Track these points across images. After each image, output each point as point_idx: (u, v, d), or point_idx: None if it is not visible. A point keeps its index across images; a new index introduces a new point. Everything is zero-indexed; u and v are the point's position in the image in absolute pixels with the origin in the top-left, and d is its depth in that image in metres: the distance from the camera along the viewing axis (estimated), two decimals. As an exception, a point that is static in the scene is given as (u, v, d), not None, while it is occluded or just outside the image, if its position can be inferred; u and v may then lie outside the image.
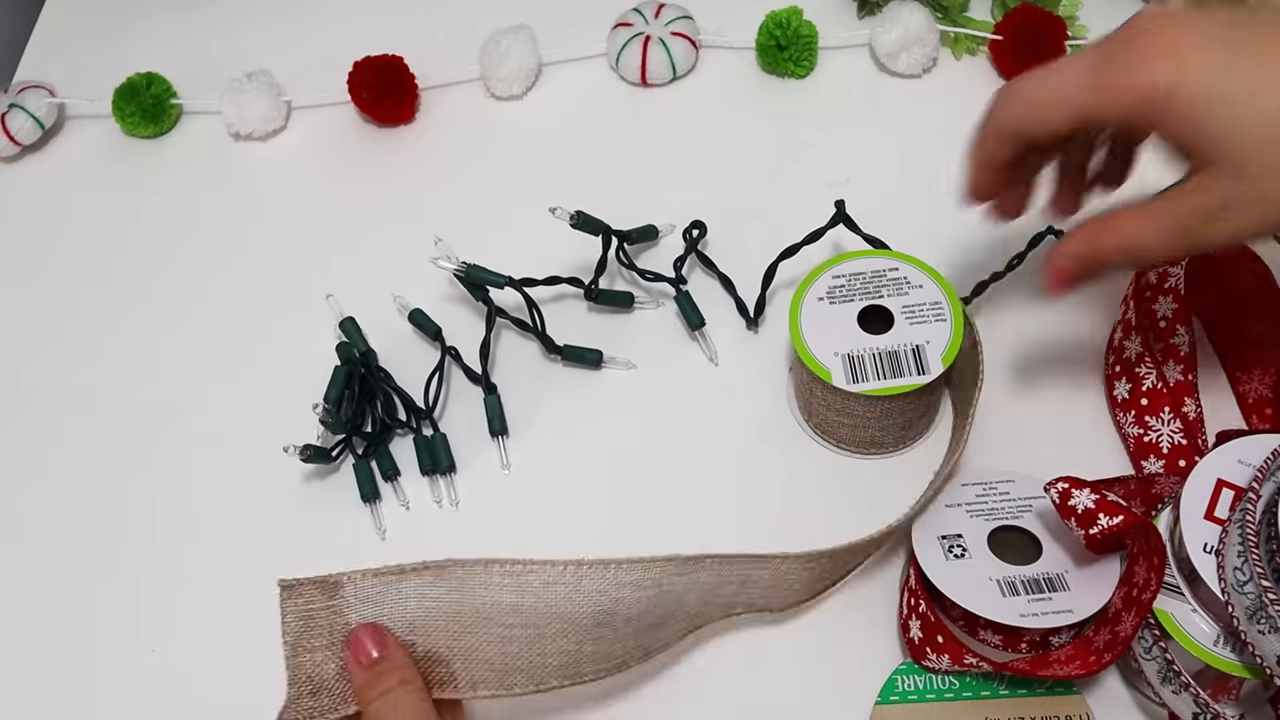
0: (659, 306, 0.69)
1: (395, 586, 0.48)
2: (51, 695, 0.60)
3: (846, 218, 0.65)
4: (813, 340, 0.60)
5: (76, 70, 0.82)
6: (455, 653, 0.48)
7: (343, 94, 0.78)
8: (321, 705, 0.48)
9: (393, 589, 0.48)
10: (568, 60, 0.80)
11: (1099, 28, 0.77)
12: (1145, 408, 0.61)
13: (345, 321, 0.68)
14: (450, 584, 0.48)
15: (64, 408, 0.69)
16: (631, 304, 0.68)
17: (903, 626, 0.57)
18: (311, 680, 0.48)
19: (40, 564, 0.63)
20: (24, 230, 0.77)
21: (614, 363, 0.67)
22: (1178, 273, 0.62)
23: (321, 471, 0.65)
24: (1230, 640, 0.51)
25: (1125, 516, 0.52)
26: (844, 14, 0.81)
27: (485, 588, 0.48)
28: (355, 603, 0.48)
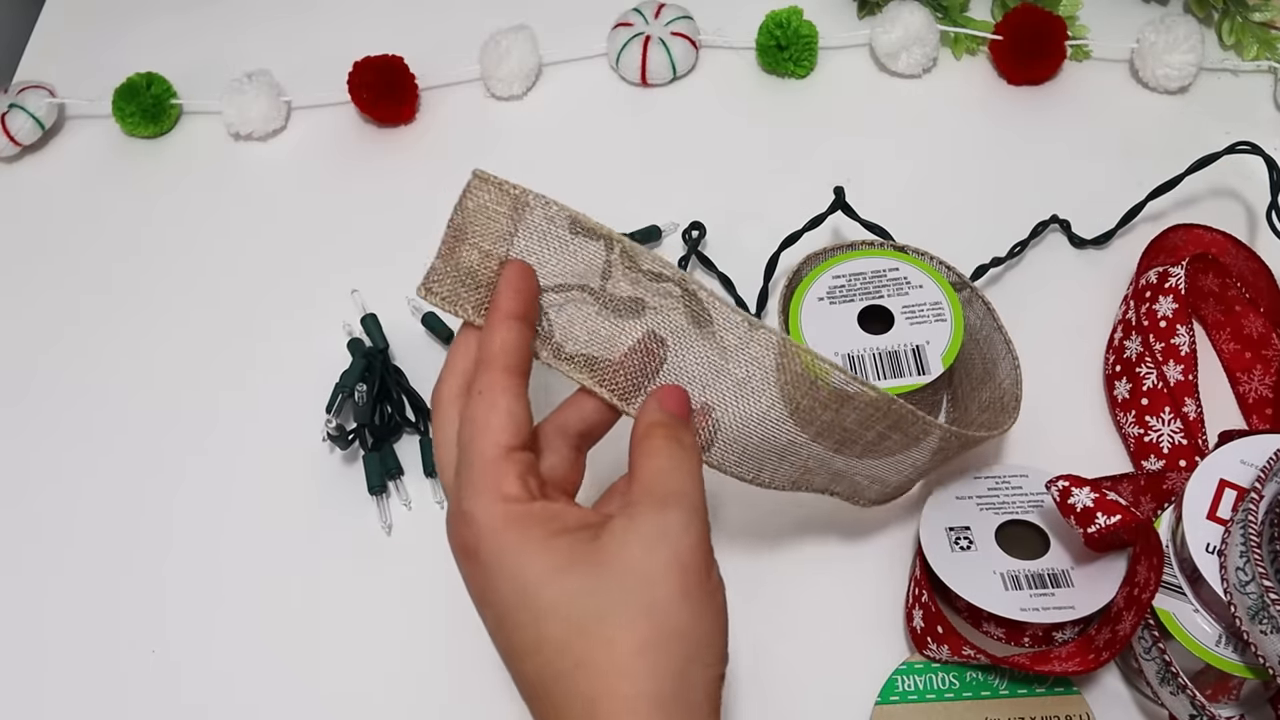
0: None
1: (574, 240, 0.46)
2: (52, 695, 0.60)
3: (846, 205, 0.65)
4: (813, 340, 0.60)
5: (76, 70, 0.82)
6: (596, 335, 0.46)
7: (343, 94, 0.78)
8: (452, 292, 0.47)
9: (571, 241, 0.46)
10: (568, 60, 0.80)
11: (1099, 27, 0.77)
12: (1145, 408, 0.61)
13: (367, 318, 0.68)
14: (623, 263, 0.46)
15: (64, 408, 0.69)
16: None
17: (907, 615, 0.57)
18: (459, 267, 0.46)
19: (41, 564, 0.63)
20: (24, 230, 0.77)
21: None
22: (1178, 273, 0.62)
23: (323, 470, 0.65)
24: (1232, 640, 0.51)
25: (1123, 516, 0.52)
26: (844, 14, 0.81)
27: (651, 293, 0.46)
28: (532, 230, 0.46)
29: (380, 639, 0.60)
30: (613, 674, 0.39)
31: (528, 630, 0.41)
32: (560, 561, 0.40)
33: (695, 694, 0.40)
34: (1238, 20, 0.76)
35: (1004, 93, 0.77)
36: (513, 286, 0.45)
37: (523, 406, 0.43)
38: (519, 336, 0.44)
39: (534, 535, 0.41)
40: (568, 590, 0.40)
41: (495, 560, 0.41)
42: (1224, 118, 0.74)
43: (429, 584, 0.61)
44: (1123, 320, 0.64)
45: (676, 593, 0.40)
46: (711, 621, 0.41)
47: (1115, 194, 0.69)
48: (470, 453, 0.42)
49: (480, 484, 0.42)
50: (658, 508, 0.42)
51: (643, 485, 0.42)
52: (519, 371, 0.44)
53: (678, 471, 0.43)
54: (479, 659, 0.59)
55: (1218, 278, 0.64)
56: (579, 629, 0.40)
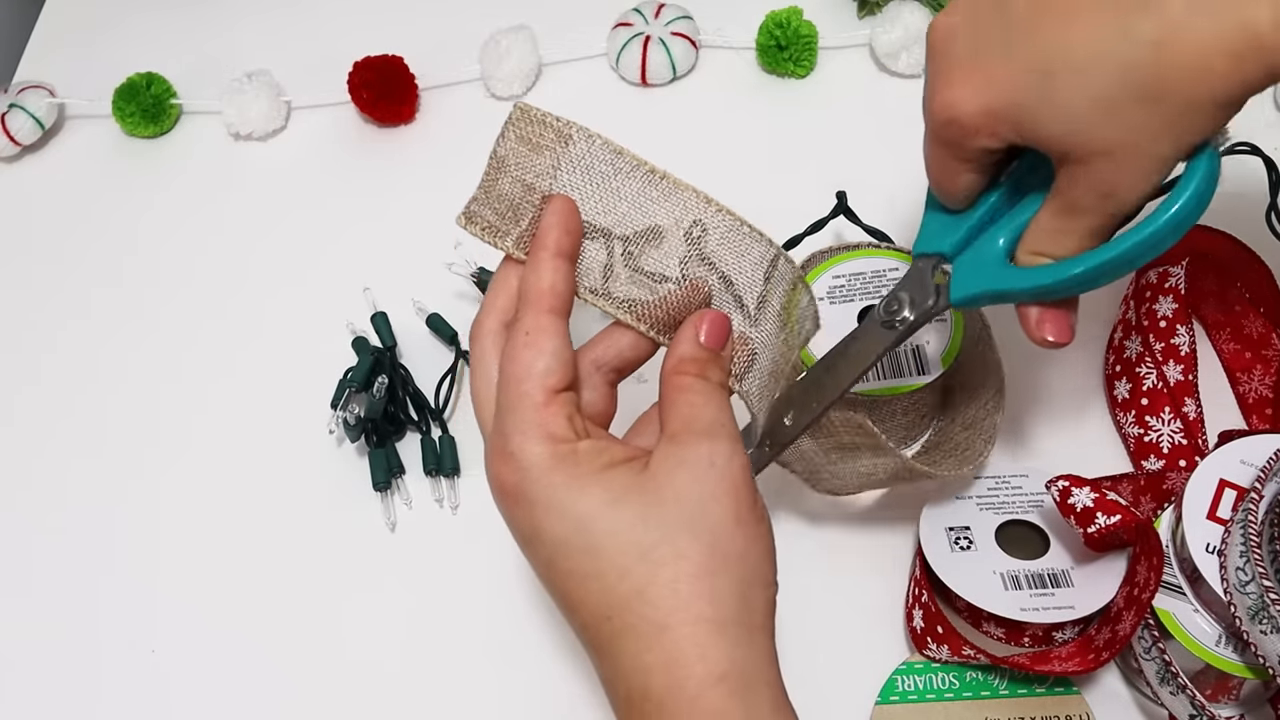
0: None
1: (618, 175, 0.45)
2: (52, 695, 0.60)
3: (848, 209, 0.65)
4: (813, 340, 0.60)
5: (76, 70, 0.82)
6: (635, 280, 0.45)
7: (343, 94, 0.78)
8: (492, 223, 0.46)
9: (613, 177, 0.45)
10: (568, 60, 0.80)
11: (1099, 28, 0.77)
12: (1145, 408, 0.61)
13: (377, 316, 0.69)
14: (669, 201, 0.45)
15: (64, 408, 0.69)
16: None
17: (907, 615, 0.57)
18: (501, 199, 0.46)
19: (44, 564, 0.63)
20: (24, 230, 0.77)
21: None
22: (1178, 273, 0.62)
23: (324, 468, 0.65)
24: (1232, 640, 0.51)
25: (1123, 516, 0.52)
26: (844, 14, 0.81)
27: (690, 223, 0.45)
28: (575, 164, 0.45)
29: (381, 638, 0.60)
30: (675, 598, 0.40)
31: (585, 561, 0.41)
32: (614, 493, 0.41)
33: (755, 616, 0.41)
34: (1238, 20, 0.76)
35: (1004, 93, 0.77)
36: (561, 224, 0.44)
37: (568, 347, 0.43)
38: (566, 277, 0.44)
39: (584, 471, 0.41)
40: (625, 519, 0.41)
41: (546, 498, 0.41)
42: (1224, 118, 0.74)
43: (429, 582, 0.61)
44: (1123, 320, 0.64)
45: (730, 518, 0.41)
46: (763, 544, 0.42)
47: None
48: (515, 395, 0.42)
49: (527, 426, 0.42)
50: (702, 438, 0.42)
51: (681, 418, 0.43)
52: (564, 312, 0.44)
53: (711, 405, 0.43)
54: (479, 660, 0.59)
55: (1218, 278, 0.64)
56: (639, 554, 0.40)
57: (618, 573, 0.40)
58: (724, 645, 0.40)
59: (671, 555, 0.40)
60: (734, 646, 0.40)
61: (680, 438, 0.42)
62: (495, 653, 0.59)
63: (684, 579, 0.40)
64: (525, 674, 0.58)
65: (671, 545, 0.40)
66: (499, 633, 0.60)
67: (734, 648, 0.40)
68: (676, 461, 0.42)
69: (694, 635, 0.40)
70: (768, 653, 0.41)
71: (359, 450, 0.65)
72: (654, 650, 0.40)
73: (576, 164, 0.45)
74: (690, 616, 0.40)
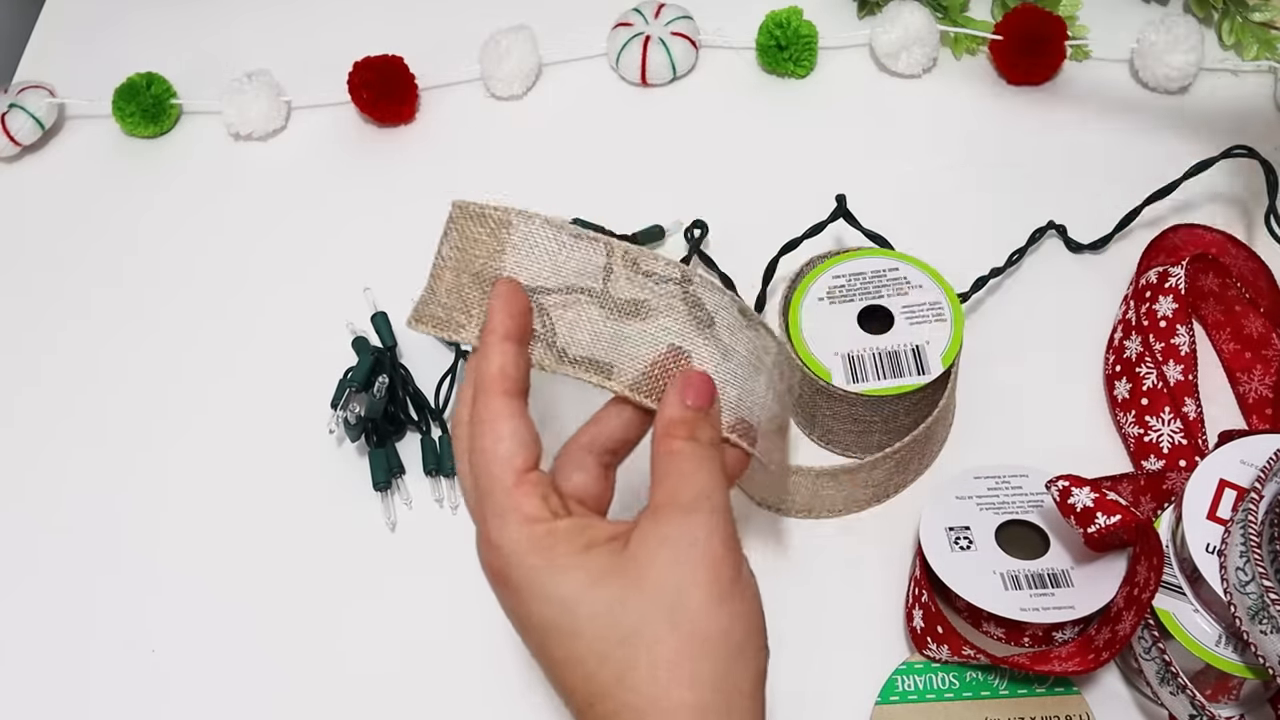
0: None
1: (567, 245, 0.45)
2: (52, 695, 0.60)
3: (847, 212, 0.65)
4: (813, 340, 0.60)
5: (76, 70, 0.82)
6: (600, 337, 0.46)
7: (343, 94, 0.78)
8: (443, 319, 0.46)
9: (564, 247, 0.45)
10: (568, 60, 0.80)
11: (1099, 27, 0.77)
12: (1145, 408, 0.61)
13: (377, 316, 0.68)
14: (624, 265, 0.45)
15: (65, 408, 0.69)
16: None
17: (907, 615, 0.57)
18: (449, 293, 0.46)
19: (44, 564, 0.63)
20: (24, 230, 0.77)
21: None
22: (1178, 273, 0.62)
23: (324, 468, 0.65)
24: (1232, 640, 0.51)
25: (1123, 516, 0.52)
26: (844, 14, 0.81)
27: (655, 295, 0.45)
28: (520, 243, 0.45)
29: (381, 638, 0.60)
30: (654, 685, 0.39)
31: (569, 646, 0.41)
32: (592, 575, 0.41)
33: (738, 696, 0.40)
34: (1238, 20, 0.76)
35: (1004, 93, 0.77)
36: (504, 307, 0.44)
37: (527, 427, 0.43)
38: (514, 359, 0.44)
39: (563, 553, 0.41)
40: (602, 603, 0.40)
41: (528, 583, 0.41)
42: (1224, 118, 0.74)
43: (429, 582, 0.61)
44: (1123, 320, 0.64)
45: (709, 599, 0.40)
46: (747, 620, 0.41)
47: (1115, 194, 0.69)
48: (486, 481, 0.42)
49: (502, 511, 0.42)
50: (682, 514, 0.41)
51: (667, 491, 0.42)
52: (517, 392, 0.44)
53: (699, 473, 0.42)
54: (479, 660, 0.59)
55: (1218, 278, 0.64)
56: (619, 639, 0.40)
57: (598, 658, 0.40)
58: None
59: (649, 640, 0.40)
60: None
61: (662, 513, 0.42)
62: (495, 653, 0.59)
63: (662, 665, 0.39)
64: (525, 674, 0.58)
65: (650, 630, 0.40)
66: (499, 633, 0.59)
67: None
68: (657, 540, 0.41)
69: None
70: None
71: (359, 450, 0.65)
72: None
73: (520, 244, 0.46)
74: (670, 704, 0.39)
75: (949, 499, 0.57)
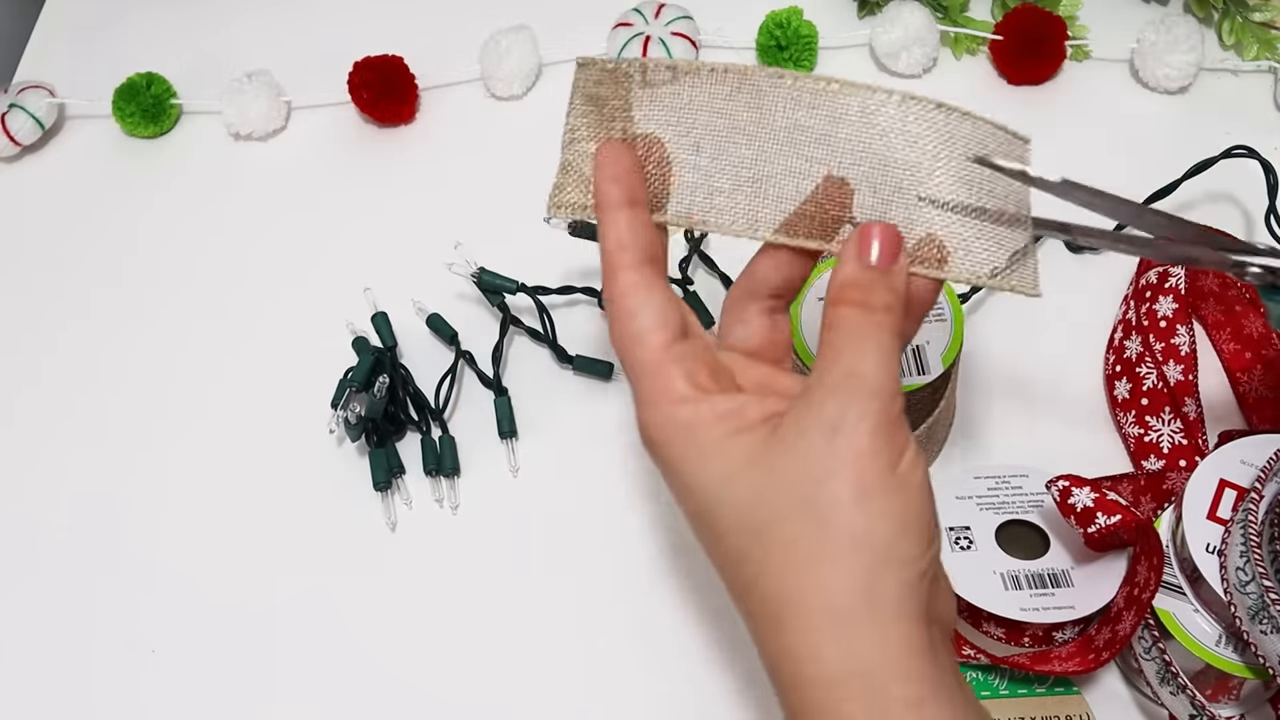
0: None
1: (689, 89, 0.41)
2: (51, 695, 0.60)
3: None
4: (813, 340, 0.60)
5: (76, 70, 0.82)
6: (741, 181, 0.42)
7: (343, 94, 0.78)
8: (583, 202, 0.43)
9: (684, 90, 0.41)
10: (568, 60, 0.80)
11: (1099, 27, 0.77)
12: (1145, 408, 0.61)
13: (377, 316, 0.69)
14: (749, 96, 0.41)
15: (65, 408, 0.69)
16: None
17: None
18: (582, 173, 0.43)
19: (44, 564, 0.63)
20: (24, 230, 0.77)
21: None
22: (1178, 273, 0.62)
23: (324, 468, 0.65)
24: (1232, 640, 0.51)
25: (1123, 516, 0.52)
26: (844, 14, 0.81)
27: (789, 107, 0.41)
28: (642, 100, 0.42)
29: (381, 638, 0.60)
30: (786, 588, 0.36)
31: (710, 539, 0.39)
32: (733, 466, 0.38)
33: (884, 604, 0.36)
34: (1238, 20, 0.76)
35: (1004, 93, 0.77)
36: (608, 175, 0.41)
37: (660, 296, 0.40)
38: (631, 227, 0.40)
39: (708, 438, 0.38)
40: (740, 497, 0.37)
41: (675, 469, 0.39)
42: (1224, 118, 0.74)
43: (429, 582, 0.61)
44: (1123, 320, 0.64)
45: (851, 495, 0.36)
46: (898, 519, 0.37)
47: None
48: (627, 365, 0.40)
49: (649, 392, 0.39)
50: (829, 396, 0.37)
51: (820, 365, 0.38)
52: (645, 260, 0.40)
53: (855, 348, 0.38)
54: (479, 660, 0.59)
55: (1218, 278, 0.64)
56: (753, 537, 0.37)
57: (736, 555, 0.38)
58: (841, 643, 0.36)
59: (783, 538, 0.36)
60: (854, 643, 0.36)
61: (811, 391, 0.38)
62: (495, 653, 0.59)
63: (793, 567, 0.36)
64: (525, 674, 0.58)
65: (784, 526, 0.37)
66: (498, 633, 0.60)
67: (854, 644, 0.36)
68: (801, 425, 0.37)
69: (806, 631, 0.36)
70: (904, 644, 0.36)
71: (359, 450, 0.65)
72: (771, 642, 0.37)
73: (643, 99, 0.42)
74: (802, 610, 0.36)
75: (949, 499, 0.57)
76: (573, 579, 0.61)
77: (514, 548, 0.62)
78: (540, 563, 0.61)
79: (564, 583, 0.61)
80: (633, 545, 0.61)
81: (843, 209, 0.41)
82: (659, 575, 0.60)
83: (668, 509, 0.62)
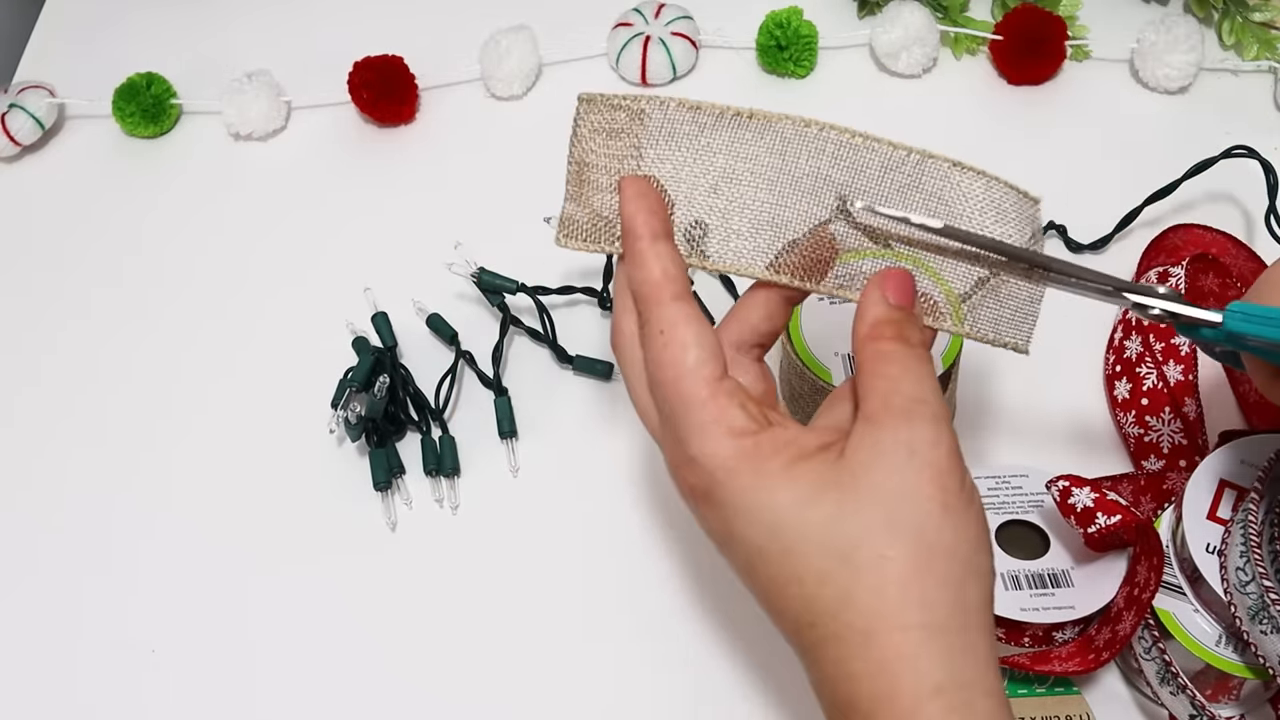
0: None
1: (703, 132, 0.42)
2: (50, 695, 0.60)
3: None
4: (813, 340, 0.60)
5: (76, 70, 0.82)
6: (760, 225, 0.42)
7: (343, 94, 0.78)
8: (590, 230, 0.43)
9: (699, 135, 0.42)
10: (568, 60, 0.80)
11: (1099, 27, 0.77)
12: (1145, 408, 0.61)
13: (377, 316, 0.69)
14: (772, 141, 0.42)
15: (63, 407, 0.69)
16: None
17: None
18: (589, 202, 0.43)
19: (44, 563, 0.63)
20: (24, 230, 0.77)
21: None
22: (1178, 273, 0.62)
23: (324, 468, 0.65)
24: (1232, 640, 0.51)
25: (1124, 516, 0.52)
26: (844, 14, 0.81)
27: (813, 155, 0.42)
28: (657, 135, 0.42)
29: (380, 638, 0.60)
30: (882, 604, 0.37)
31: (784, 565, 0.38)
32: (806, 490, 0.38)
33: (971, 615, 0.37)
34: (1238, 20, 0.76)
35: (1004, 93, 0.77)
36: (643, 207, 0.41)
37: (708, 330, 0.40)
38: (673, 258, 0.41)
39: (773, 467, 0.38)
40: (820, 519, 0.37)
41: (736, 501, 0.38)
42: (1224, 118, 0.74)
43: (429, 582, 0.61)
44: (1123, 320, 0.64)
45: (936, 509, 0.37)
46: (975, 531, 0.38)
47: (1115, 194, 0.69)
48: (677, 398, 0.39)
49: (703, 426, 0.39)
50: (901, 420, 0.38)
51: (879, 395, 0.39)
52: (687, 295, 0.40)
53: (910, 378, 0.39)
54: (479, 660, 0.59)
55: (1218, 278, 0.64)
56: (840, 557, 0.37)
57: (817, 577, 0.38)
58: (938, 655, 0.36)
59: (873, 558, 0.37)
60: (950, 656, 0.37)
61: (878, 419, 0.39)
62: (495, 653, 0.59)
63: (890, 583, 0.37)
64: (525, 674, 0.58)
65: (874, 545, 0.37)
66: (498, 633, 0.60)
67: (950, 657, 0.37)
68: (874, 450, 0.38)
69: (903, 644, 0.36)
70: (987, 657, 0.38)
71: (359, 450, 0.65)
72: (860, 659, 0.37)
73: (658, 135, 0.42)
74: (899, 623, 0.36)
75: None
76: (573, 579, 0.61)
77: (514, 548, 0.62)
78: (540, 563, 0.61)
79: (564, 583, 0.61)
80: (633, 545, 0.61)
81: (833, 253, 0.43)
82: (659, 575, 0.60)
83: (668, 509, 0.62)
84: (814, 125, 0.42)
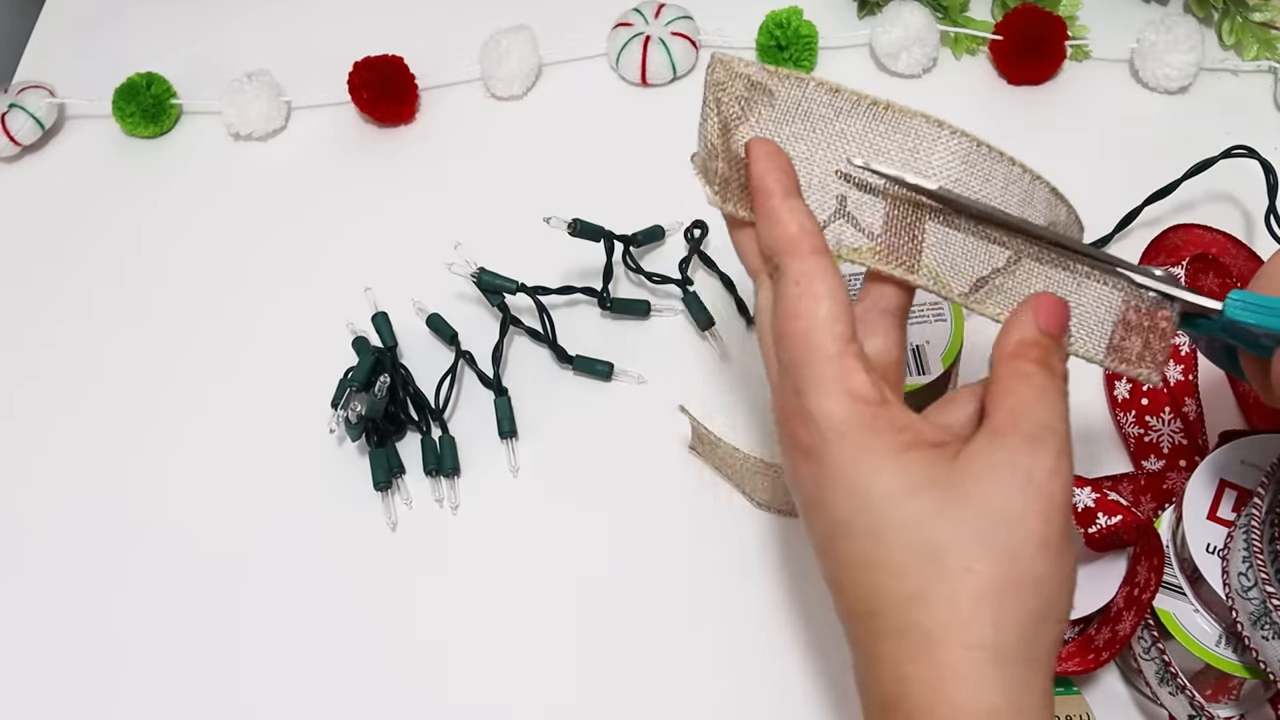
0: (676, 315, 0.69)
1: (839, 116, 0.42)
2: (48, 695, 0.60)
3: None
4: None
5: (76, 70, 0.82)
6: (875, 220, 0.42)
7: (343, 94, 0.78)
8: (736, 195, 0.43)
9: (834, 119, 0.42)
10: (568, 60, 0.80)
11: (1099, 27, 0.77)
12: (1145, 408, 0.61)
13: (378, 316, 0.69)
14: (904, 138, 0.42)
15: (63, 406, 0.69)
16: (647, 313, 0.68)
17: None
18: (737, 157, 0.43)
19: (43, 563, 0.63)
20: (24, 230, 0.77)
21: (625, 375, 0.67)
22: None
23: (324, 468, 0.65)
24: (1232, 640, 0.51)
25: (1124, 516, 0.52)
26: (844, 14, 0.81)
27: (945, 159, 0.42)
28: (793, 113, 0.42)
29: (380, 638, 0.60)
30: (953, 615, 0.36)
31: (864, 545, 0.37)
32: (913, 480, 0.37)
33: (1039, 651, 0.37)
34: (1238, 20, 0.76)
35: (1004, 93, 0.77)
36: (773, 165, 0.41)
37: (844, 290, 0.39)
38: (806, 212, 0.40)
39: (884, 445, 0.37)
40: (917, 513, 0.37)
41: (839, 467, 0.38)
42: (1224, 118, 0.74)
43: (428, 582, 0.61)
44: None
45: (1037, 538, 0.37)
46: (1066, 574, 0.38)
47: (1115, 194, 0.69)
48: (804, 349, 0.38)
49: (826, 381, 0.38)
50: (1026, 444, 0.38)
51: (1009, 414, 0.38)
52: (826, 249, 0.40)
53: (1045, 404, 0.38)
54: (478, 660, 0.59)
55: (1218, 278, 0.64)
56: (924, 556, 0.36)
57: (895, 569, 0.37)
58: (998, 680, 0.36)
59: (959, 566, 0.36)
60: (1009, 684, 0.36)
61: (1003, 435, 0.38)
62: (495, 653, 0.59)
63: (966, 596, 0.36)
64: (524, 674, 0.58)
65: (961, 554, 0.36)
66: (498, 633, 0.60)
67: (1009, 685, 0.36)
68: (992, 463, 0.37)
69: (965, 660, 0.36)
70: (1046, 696, 0.37)
71: (359, 450, 0.65)
72: (917, 663, 0.36)
73: (793, 113, 0.42)
74: (966, 639, 0.36)
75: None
76: (572, 579, 0.61)
77: (514, 548, 0.62)
78: (540, 563, 0.61)
79: (564, 583, 0.61)
80: (633, 545, 0.61)
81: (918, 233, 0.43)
82: (659, 575, 0.60)
83: (668, 510, 0.62)
84: (945, 128, 0.42)
